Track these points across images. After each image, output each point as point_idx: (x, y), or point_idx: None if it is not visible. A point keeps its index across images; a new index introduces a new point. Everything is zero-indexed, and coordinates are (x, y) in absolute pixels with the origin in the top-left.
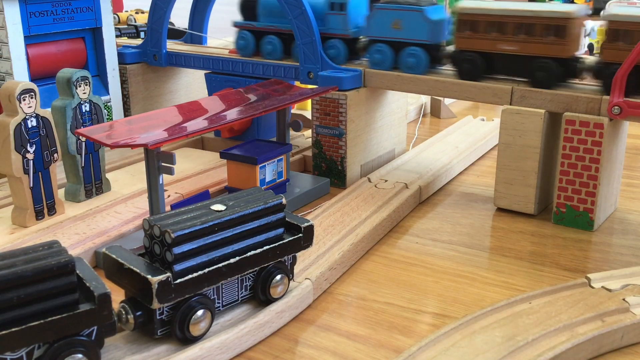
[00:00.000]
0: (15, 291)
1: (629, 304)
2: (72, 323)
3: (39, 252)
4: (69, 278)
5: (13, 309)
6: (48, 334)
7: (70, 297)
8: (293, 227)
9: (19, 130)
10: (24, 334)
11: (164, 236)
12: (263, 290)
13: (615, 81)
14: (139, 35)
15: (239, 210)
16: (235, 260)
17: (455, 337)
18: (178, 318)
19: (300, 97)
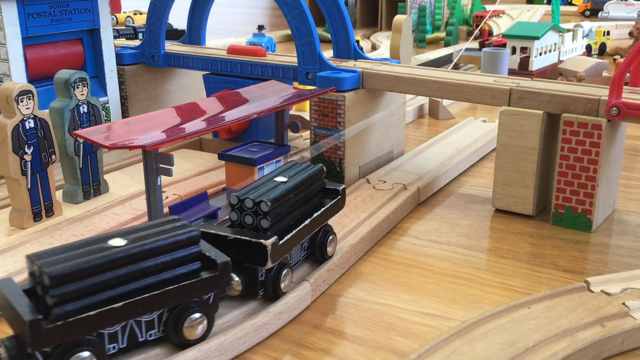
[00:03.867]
0: (153, 260)
1: (629, 308)
2: (199, 288)
3: (167, 226)
4: (195, 248)
5: (151, 275)
6: (179, 298)
7: (195, 266)
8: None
9: (16, 132)
10: (161, 297)
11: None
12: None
13: (613, 82)
14: (137, 37)
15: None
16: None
17: (455, 343)
18: None
19: (299, 98)
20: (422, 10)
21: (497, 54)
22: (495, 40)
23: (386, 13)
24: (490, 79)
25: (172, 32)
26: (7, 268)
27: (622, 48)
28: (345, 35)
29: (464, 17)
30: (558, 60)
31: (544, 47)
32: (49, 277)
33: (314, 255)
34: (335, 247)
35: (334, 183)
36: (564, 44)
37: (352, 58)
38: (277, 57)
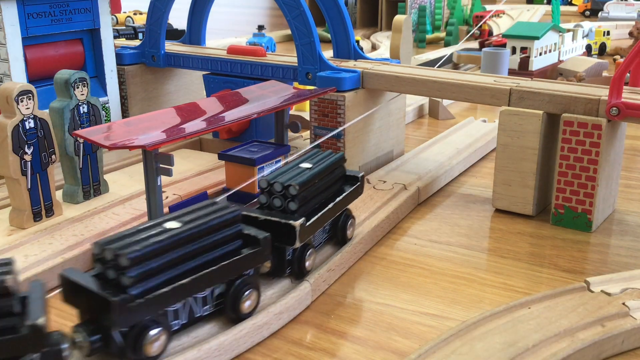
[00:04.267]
0: (207, 238)
1: (629, 308)
2: (245, 263)
3: (210, 208)
4: (238, 227)
5: (206, 253)
6: (229, 274)
7: (238, 243)
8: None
9: (16, 132)
10: (218, 273)
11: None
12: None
13: (613, 82)
14: (137, 37)
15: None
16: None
17: (455, 343)
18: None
19: (299, 98)
20: (422, 10)
21: (497, 54)
22: (495, 40)
23: (386, 13)
24: (490, 79)
25: (172, 32)
26: None
27: (622, 48)
28: (345, 35)
29: (464, 17)
30: (558, 60)
31: (544, 47)
32: (128, 258)
33: (335, 237)
34: (354, 230)
35: (354, 170)
36: (564, 44)
37: (352, 58)
38: (277, 57)
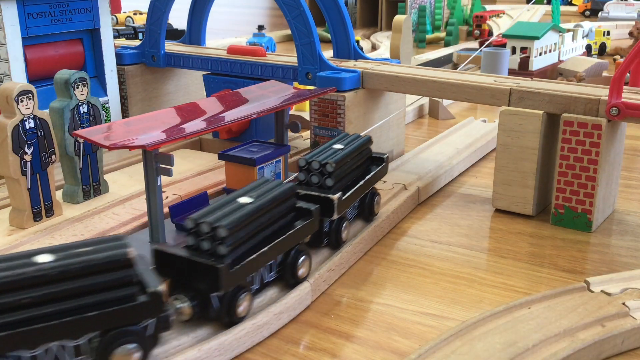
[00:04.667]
0: (272, 212)
1: (629, 308)
2: (304, 232)
3: (269, 184)
4: (294, 200)
5: (273, 224)
6: (294, 241)
7: (293, 215)
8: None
9: (16, 132)
10: (284, 242)
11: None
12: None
13: (613, 82)
14: (137, 37)
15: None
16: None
17: (455, 343)
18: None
19: (299, 98)
20: (422, 10)
21: (497, 54)
22: (495, 40)
23: (386, 13)
24: (490, 79)
25: (172, 32)
26: None
27: (622, 48)
28: (345, 35)
29: (464, 17)
30: (558, 60)
31: (544, 47)
32: (226, 229)
33: (363, 213)
34: (380, 207)
35: (379, 152)
36: (564, 44)
37: (352, 58)
38: (277, 57)
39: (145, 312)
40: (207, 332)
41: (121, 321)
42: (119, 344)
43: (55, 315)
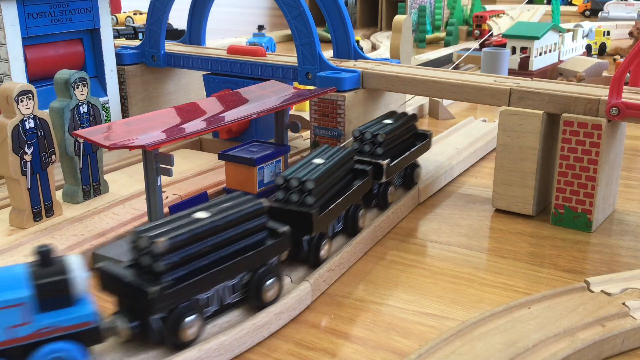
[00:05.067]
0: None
1: (629, 308)
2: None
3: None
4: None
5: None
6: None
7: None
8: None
9: (16, 132)
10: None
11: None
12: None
13: (613, 82)
14: (137, 37)
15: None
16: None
17: (455, 343)
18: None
19: (299, 98)
20: (422, 10)
21: (497, 54)
22: (495, 40)
23: (386, 13)
24: (490, 79)
25: (172, 32)
26: None
27: (622, 48)
28: (345, 35)
29: (464, 17)
30: (558, 60)
31: (544, 47)
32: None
33: (406, 182)
34: (420, 177)
35: (424, 129)
36: (564, 44)
37: (352, 58)
38: (277, 57)
39: (279, 249)
40: (207, 331)
41: (265, 259)
42: (267, 278)
43: (222, 260)
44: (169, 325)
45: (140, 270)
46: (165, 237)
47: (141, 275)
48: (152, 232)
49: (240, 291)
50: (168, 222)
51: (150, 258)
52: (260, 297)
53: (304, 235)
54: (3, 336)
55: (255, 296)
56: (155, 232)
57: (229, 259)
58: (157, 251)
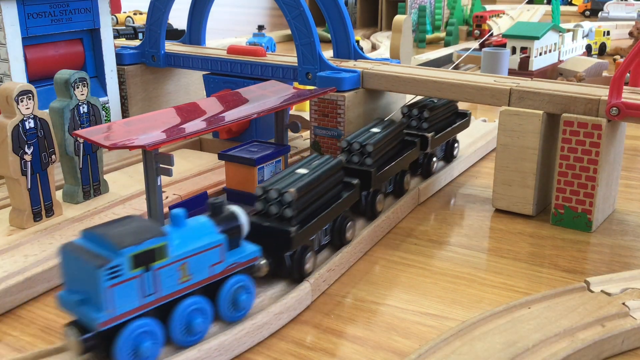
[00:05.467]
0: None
1: (629, 308)
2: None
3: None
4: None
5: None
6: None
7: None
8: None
9: (16, 132)
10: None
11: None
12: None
13: (613, 82)
14: (137, 37)
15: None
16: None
17: (455, 343)
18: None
19: (299, 98)
20: (422, 10)
21: (497, 54)
22: (495, 40)
23: (386, 13)
24: (490, 79)
25: (172, 32)
26: (7, 268)
27: (622, 48)
28: (345, 35)
29: (464, 17)
30: (558, 60)
31: (544, 47)
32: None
33: (446, 155)
34: (458, 152)
35: (464, 109)
36: (564, 44)
37: (352, 58)
38: (277, 57)
39: (355, 197)
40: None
41: (347, 205)
42: (346, 222)
43: (324, 206)
44: (295, 261)
45: (269, 217)
46: (293, 188)
47: (274, 221)
48: (277, 186)
49: (329, 234)
50: (281, 178)
51: (280, 206)
52: (344, 238)
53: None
54: (206, 273)
55: (339, 237)
56: (279, 186)
57: (329, 205)
58: (288, 199)
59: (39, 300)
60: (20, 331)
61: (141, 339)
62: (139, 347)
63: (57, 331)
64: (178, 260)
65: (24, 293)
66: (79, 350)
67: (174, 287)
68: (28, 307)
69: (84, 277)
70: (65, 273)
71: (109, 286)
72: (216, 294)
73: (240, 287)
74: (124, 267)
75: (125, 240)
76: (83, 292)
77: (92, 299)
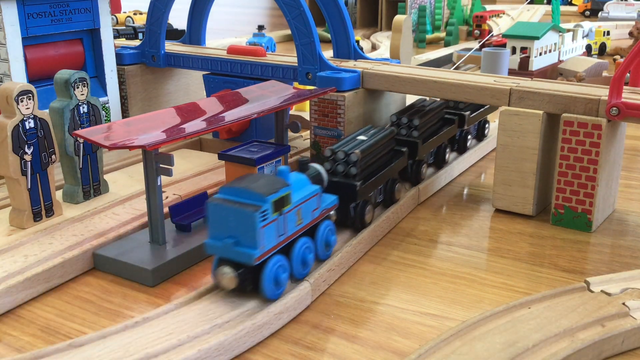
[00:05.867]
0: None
1: (629, 308)
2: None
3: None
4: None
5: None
6: (398, 169)
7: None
8: None
9: (16, 132)
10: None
11: (349, 157)
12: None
13: (613, 82)
14: (137, 37)
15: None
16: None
17: (455, 343)
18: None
19: (299, 98)
20: (422, 10)
21: (497, 54)
22: (495, 40)
23: (386, 13)
24: (490, 79)
25: (172, 32)
26: (7, 268)
27: (622, 48)
28: (345, 35)
29: (464, 17)
30: (558, 60)
31: (544, 47)
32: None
33: (479, 135)
34: (489, 131)
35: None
36: (564, 44)
37: (352, 58)
38: (277, 57)
39: (404, 163)
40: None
41: (398, 168)
42: (397, 183)
43: (380, 168)
44: (358, 212)
45: (336, 175)
46: (358, 150)
47: (341, 178)
48: (343, 148)
49: (382, 194)
50: (345, 142)
51: (346, 165)
52: (394, 197)
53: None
54: (309, 218)
55: (390, 197)
56: (345, 148)
57: (384, 168)
58: (353, 159)
59: (39, 300)
60: (20, 331)
61: (279, 271)
62: (278, 277)
63: (57, 331)
64: (296, 206)
65: (24, 293)
66: (234, 283)
67: (293, 229)
68: (28, 307)
69: (236, 223)
70: (212, 224)
71: (261, 227)
72: (314, 236)
73: (329, 230)
74: (269, 211)
75: (266, 190)
76: (232, 236)
77: (244, 241)
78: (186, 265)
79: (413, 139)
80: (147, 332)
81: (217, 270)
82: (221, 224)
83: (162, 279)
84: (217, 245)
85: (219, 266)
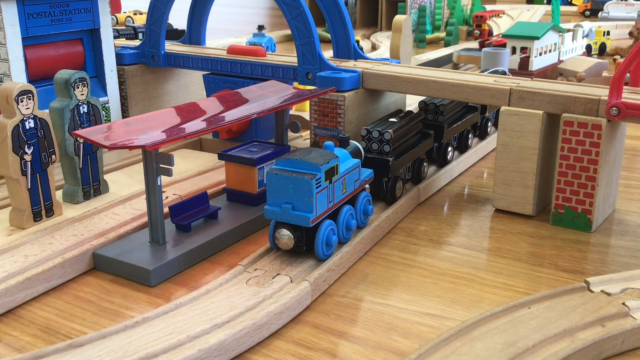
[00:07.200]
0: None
1: (629, 308)
2: (428, 144)
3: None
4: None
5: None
6: (425, 148)
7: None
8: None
9: (16, 132)
10: (423, 147)
11: (383, 135)
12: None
13: (613, 82)
14: (137, 37)
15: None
16: (412, 150)
17: (455, 343)
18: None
19: (299, 98)
20: (422, 10)
21: (497, 54)
22: (495, 40)
23: (386, 13)
24: (490, 79)
25: (172, 32)
26: (7, 268)
27: (622, 48)
28: (345, 35)
29: (464, 17)
30: (558, 60)
31: (544, 47)
32: (390, 134)
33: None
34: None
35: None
36: (564, 44)
37: (352, 58)
38: (277, 57)
39: (430, 144)
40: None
41: (425, 149)
42: (424, 162)
43: (410, 146)
44: (389, 187)
45: (370, 152)
46: (391, 129)
47: (375, 154)
48: (378, 128)
49: (410, 172)
50: (378, 123)
51: (381, 143)
52: (420, 176)
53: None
54: (352, 188)
55: (418, 175)
56: (379, 128)
57: (412, 147)
58: (387, 138)
59: (39, 300)
60: (20, 331)
61: (330, 234)
62: (329, 239)
63: (57, 331)
64: (342, 177)
65: (24, 293)
66: (291, 244)
67: (340, 197)
68: (28, 307)
69: (293, 190)
70: (270, 192)
71: (316, 193)
72: (354, 205)
73: (367, 200)
74: (322, 179)
75: (319, 161)
76: (289, 202)
77: (301, 206)
78: (186, 265)
79: (439, 123)
80: (147, 332)
81: (275, 233)
82: (279, 192)
83: (162, 279)
84: (275, 210)
85: (277, 229)
